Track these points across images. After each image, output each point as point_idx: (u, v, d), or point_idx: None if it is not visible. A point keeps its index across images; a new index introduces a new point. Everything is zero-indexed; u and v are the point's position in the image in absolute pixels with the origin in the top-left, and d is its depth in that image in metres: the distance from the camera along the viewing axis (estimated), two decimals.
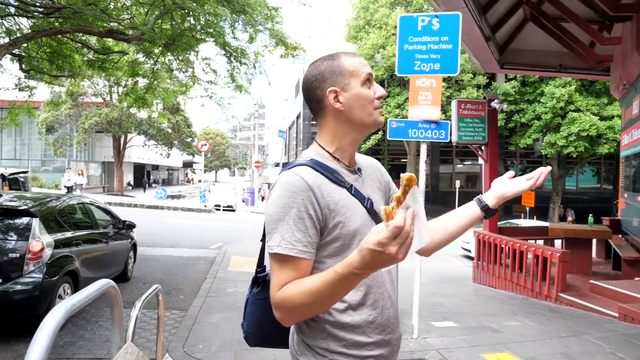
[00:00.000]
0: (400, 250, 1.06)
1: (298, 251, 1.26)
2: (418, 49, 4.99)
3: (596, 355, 4.49)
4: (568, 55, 9.93)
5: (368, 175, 1.53)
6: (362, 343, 1.35)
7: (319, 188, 1.31)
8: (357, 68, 1.41)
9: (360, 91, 1.40)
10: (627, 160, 9.81)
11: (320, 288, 1.18)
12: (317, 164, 1.37)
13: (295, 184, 1.29)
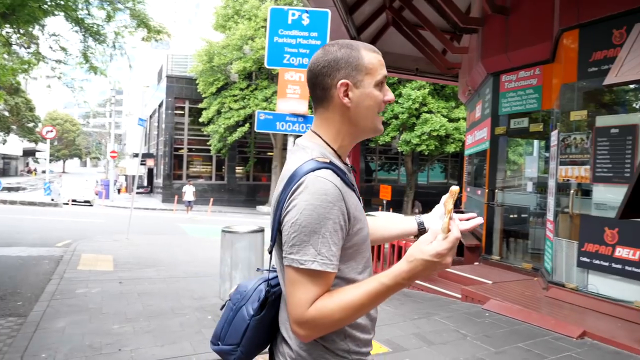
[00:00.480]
0: (450, 257, 1.10)
1: (335, 266, 1.17)
2: (288, 42, 5.01)
3: (443, 333, 4.93)
4: (423, 60, 10.79)
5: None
6: (367, 341, 1.33)
7: (346, 195, 1.21)
8: (376, 67, 1.29)
9: (372, 91, 1.28)
10: (470, 159, 10.98)
11: (363, 301, 1.14)
12: (337, 168, 1.24)
13: (330, 193, 1.16)
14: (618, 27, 5.27)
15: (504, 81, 7.69)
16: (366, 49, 1.29)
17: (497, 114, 7.88)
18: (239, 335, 1.34)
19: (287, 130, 5.12)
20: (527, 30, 6.94)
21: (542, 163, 7.60)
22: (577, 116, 5.92)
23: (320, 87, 1.29)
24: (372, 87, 1.28)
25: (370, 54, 1.29)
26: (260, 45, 22.15)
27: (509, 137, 8.30)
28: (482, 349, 4.47)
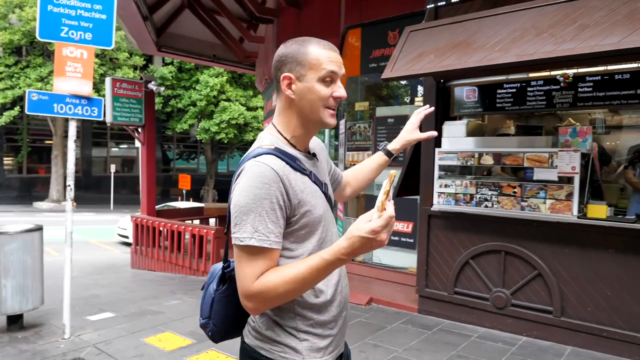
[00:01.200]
0: (388, 236, 1.15)
1: (272, 242, 1.26)
2: (66, 12, 4.41)
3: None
4: (221, 47, 10.71)
5: (321, 159, 1.54)
6: (324, 322, 1.38)
7: (287, 178, 1.29)
8: (321, 62, 1.33)
9: (314, 86, 1.34)
10: None
11: (305, 275, 1.20)
12: (280, 152, 1.34)
13: (266, 175, 1.26)
14: (392, 29, 6.01)
15: None
16: (317, 45, 1.35)
17: None
18: (208, 309, 1.48)
19: (68, 114, 4.51)
20: (318, 24, 7.42)
21: (332, 150, 8.25)
22: (360, 107, 6.59)
23: (275, 80, 1.40)
24: (315, 81, 1.34)
25: (319, 50, 1.34)
26: (32, 16, 19.19)
27: None
28: None
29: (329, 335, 1.40)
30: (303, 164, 1.39)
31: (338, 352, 1.46)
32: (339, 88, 1.37)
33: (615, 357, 3.85)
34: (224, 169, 32.04)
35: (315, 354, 1.37)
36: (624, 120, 5.48)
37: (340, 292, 1.43)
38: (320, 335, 1.38)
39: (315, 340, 1.37)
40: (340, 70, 1.37)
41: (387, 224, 1.13)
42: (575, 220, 3.93)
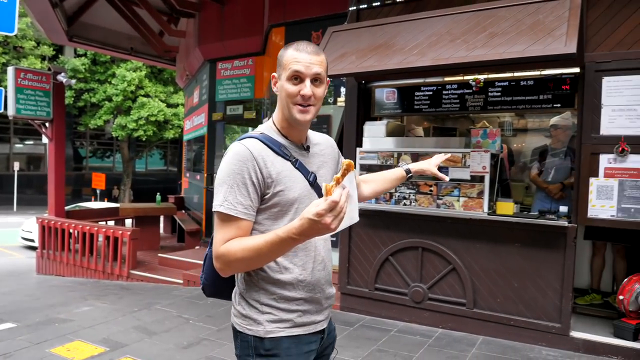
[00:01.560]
0: (334, 221, 1.20)
1: (238, 212, 1.42)
2: None
3: (165, 321, 4.86)
4: (139, 39, 10.25)
5: (320, 152, 1.65)
6: (290, 298, 1.51)
7: (263, 158, 1.45)
8: (289, 62, 1.47)
9: (284, 84, 1.48)
10: (189, 144, 11.04)
11: (261, 247, 1.33)
12: (265, 138, 1.51)
13: (241, 153, 1.44)
14: (316, 29, 6.06)
15: (220, 69, 7.95)
16: (295, 47, 1.49)
17: (214, 101, 8.12)
18: (204, 265, 1.69)
19: None
20: (242, 21, 7.33)
21: None
22: None
23: None
24: (284, 80, 1.48)
25: (292, 51, 1.48)
26: None
27: (226, 123, 8.65)
28: (205, 329, 4.58)
29: (295, 310, 1.52)
30: (288, 151, 1.53)
31: (310, 329, 1.56)
32: (304, 87, 1.47)
33: (522, 344, 4.14)
34: (142, 168, 30.71)
35: (277, 324, 1.50)
36: (528, 123, 5.91)
37: (311, 273, 1.54)
38: (285, 309, 1.51)
39: (277, 313, 1.50)
40: (308, 70, 1.46)
41: (330, 209, 1.19)
42: (485, 216, 4.18)
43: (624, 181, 3.75)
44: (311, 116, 1.51)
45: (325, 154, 1.68)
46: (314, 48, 1.50)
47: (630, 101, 3.73)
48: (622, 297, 3.95)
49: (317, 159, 1.62)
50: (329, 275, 1.64)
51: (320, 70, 1.48)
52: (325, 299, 1.61)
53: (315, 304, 1.57)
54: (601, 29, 3.83)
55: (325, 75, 1.53)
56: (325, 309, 1.62)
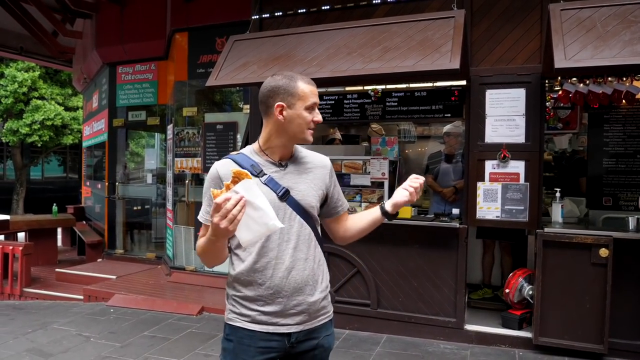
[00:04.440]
0: (222, 222, 1.40)
1: (206, 220, 1.71)
2: None
3: (63, 341, 4.57)
4: (31, 39, 9.53)
5: (302, 170, 1.81)
6: (250, 297, 1.71)
7: (227, 177, 1.54)
8: (307, 95, 1.70)
9: (302, 113, 1.70)
10: (89, 151, 10.45)
11: (201, 243, 1.65)
12: (239, 157, 1.76)
13: (211, 173, 1.76)
14: (220, 35, 6.00)
15: (120, 73, 7.62)
16: (303, 80, 1.72)
17: (114, 106, 7.76)
18: None
19: None
20: (143, 24, 7.07)
21: (163, 155, 7.94)
22: (189, 112, 6.45)
23: (265, 104, 1.74)
24: (302, 109, 1.70)
25: (305, 85, 1.71)
26: None
27: (129, 129, 8.29)
28: (108, 347, 4.37)
29: (255, 309, 1.71)
30: (260, 168, 1.73)
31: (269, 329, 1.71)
32: (317, 114, 1.74)
33: (422, 339, 4.39)
34: (38, 176, 28.47)
35: (236, 315, 1.74)
36: (424, 131, 6.28)
37: (270, 277, 1.69)
38: (246, 306, 1.72)
39: (239, 308, 1.74)
40: (317, 101, 1.74)
41: (215, 210, 1.40)
42: (386, 221, 4.37)
43: (506, 185, 4.12)
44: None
45: (310, 171, 1.83)
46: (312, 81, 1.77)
47: (509, 112, 4.10)
48: (508, 290, 4.33)
49: (295, 175, 1.79)
50: (301, 284, 1.72)
51: None
52: (295, 305, 1.72)
53: (278, 307, 1.71)
54: (483, 46, 4.19)
55: None
56: (293, 315, 1.73)
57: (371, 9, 4.50)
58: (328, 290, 1.87)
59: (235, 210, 1.39)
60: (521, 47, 4.11)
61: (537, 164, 4.04)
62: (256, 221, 1.45)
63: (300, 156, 1.84)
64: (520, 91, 4.06)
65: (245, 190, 1.40)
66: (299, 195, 1.75)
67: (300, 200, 1.75)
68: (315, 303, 1.76)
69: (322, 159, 1.90)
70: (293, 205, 1.73)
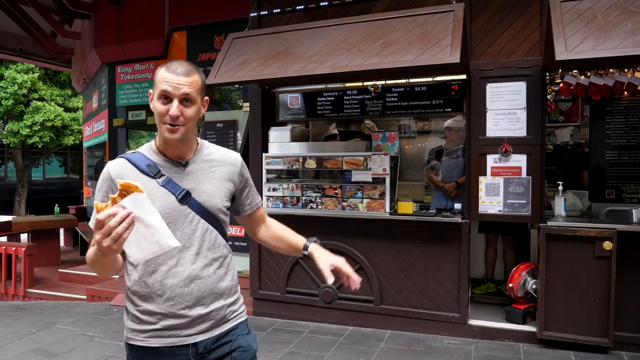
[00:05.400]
0: (105, 240, 1.24)
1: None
2: None
3: (67, 341, 4.58)
4: (29, 40, 9.52)
5: (206, 168, 1.64)
6: (150, 311, 1.55)
7: (121, 176, 1.52)
8: (159, 82, 1.51)
9: (154, 103, 1.53)
10: (90, 151, 10.44)
11: (91, 255, 1.47)
12: (135, 157, 1.58)
13: (103, 173, 1.58)
14: (219, 33, 5.99)
15: (120, 72, 7.60)
16: (166, 67, 1.52)
17: (114, 106, 7.75)
18: None
19: None
20: (141, 24, 7.05)
21: None
22: None
23: None
24: (155, 99, 1.52)
25: (162, 71, 1.52)
26: None
27: (129, 129, 8.28)
28: (111, 346, 4.38)
29: (153, 322, 1.55)
30: (156, 169, 1.56)
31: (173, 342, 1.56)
32: (172, 107, 1.50)
33: (426, 335, 4.38)
34: (39, 177, 28.50)
35: (135, 333, 1.57)
36: (425, 126, 6.26)
37: (170, 288, 1.54)
38: (143, 320, 1.56)
39: (136, 323, 1.57)
40: (176, 91, 1.49)
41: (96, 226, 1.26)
42: (388, 216, 4.37)
43: (508, 179, 4.10)
44: (180, 135, 1.53)
45: (217, 169, 1.66)
46: (185, 68, 1.52)
47: (510, 105, 4.08)
48: (511, 284, 4.32)
49: (199, 175, 1.62)
50: (206, 292, 1.59)
51: (190, 91, 1.51)
52: (200, 316, 1.57)
53: (179, 319, 1.55)
54: (483, 39, 4.16)
55: (197, 95, 1.54)
56: (198, 324, 1.58)
57: (370, 4, 4.47)
58: (237, 294, 1.73)
59: (120, 228, 1.24)
60: (521, 40, 4.09)
61: (539, 157, 4.02)
62: (148, 239, 1.30)
63: (205, 154, 1.67)
64: (521, 84, 4.04)
65: (135, 206, 1.25)
66: (202, 197, 1.60)
67: (204, 203, 1.60)
68: (221, 309, 1.63)
69: (231, 155, 1.74)
70: (196, 208, 1.58)
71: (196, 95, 1.53)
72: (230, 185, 1.69)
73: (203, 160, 1.65)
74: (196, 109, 1.55)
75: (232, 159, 1.73)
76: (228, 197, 1.69)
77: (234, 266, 1.75)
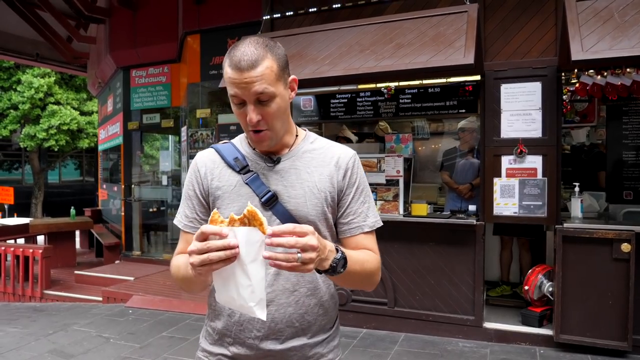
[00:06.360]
0: (194, 257, 1.01)
1: (184, 225, 1.36)
2: None
3: (84, 342, 4.62)
4: (45, 45, 9.66)
5: (305, 167, 1.32)
6: (220, 330, 1.34)
7: (208, 170, 1.34)
8: (226, 81, 1.23)
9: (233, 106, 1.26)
10: (105, 154, 10.56)
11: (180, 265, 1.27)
12: (224, 147, 1.37)
13: (192, 165, 1.39)
14: (232, 36, 6.01)
15: (134, 76, 7.68)
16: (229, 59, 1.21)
17: (129, 109, 7.84)
18: None
19: None
20: (155, 28, 7.12)
21: (177, 157, 7.99)
22: (202, 114, 6.49)
23: None
24: (232, 101, 1.25)
25: (225, 64, 1.23)
26: None
27: (143, 132, 8.37)
28: (127, 348, 4.41)
29: (222, 348, 1.34)
30: (245, 163, 1.31)
31: None
32: (249, 112, 1.20)
33: (440, 337, 4.35)
34: (55, 179, 28.88)
35: (202, 353, 1.39)
36: (439, 127, 6.23)
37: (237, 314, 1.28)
38: (215, 342, 1.36)
39: (208, 342, 1.39)
40: (246, 92, 1.18)
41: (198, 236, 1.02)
42: (401, 218, 4.35)
43: (524, 180, 4.06)
44: (269, 142, 1.26)
45: (314, 171, 1.31)
46: (251, 57, 1.18)
47: (525, 106, 4.04)
48: (527, 287, 4.27)
49: (291, 175, 1.30)
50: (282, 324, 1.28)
51: (263, 87, 1.18)
52: (268, 352, 1.29)
53: (247, 349, 1.30)
54: (497, 40, 4.13)
55: (275, 85, 1.21)
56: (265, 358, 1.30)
57: (383, 5, 4.47)
58: (329, 332, 1.37)
59: (215, 255, 0.99)
60: (536, 40, 4.05)
61: (554, 158, 3.98)
62: (237, 287, 1.05)
63: (305, 149, 1.35)
64: (536, 85, 4.00)
65: (247, 243, 1.01)
66: (291, 204, 1.28)
67: (292, 211, 1.27)
68: (302, 349, 1.30)
69: (338, 151, 1.35)
70: (282, 216, 1.26)
71: (274, 86, 1.21)
72: (331, 190, 1.31)
73: (301, 157, 1.33)
74: (279, 101, 1.23)
75: (339, 156, 1.34)
76: (326, 207, 1.31)
77: (334, 297, 1.40)
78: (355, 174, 1.35)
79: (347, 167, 1.33)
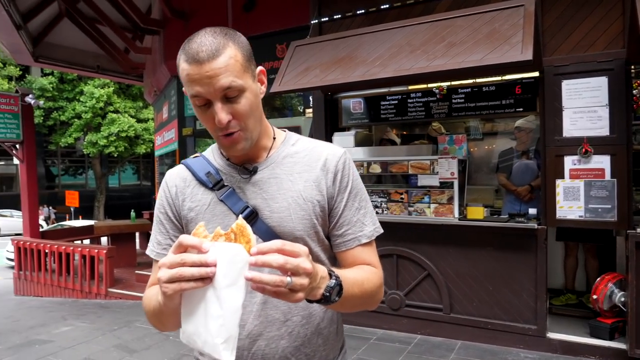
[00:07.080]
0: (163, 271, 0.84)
1: (157, 254, 1.17)
2: None
3: (145, 338, 4.80)
4: (105, 57, 10.10)
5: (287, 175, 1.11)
6: None
7: (179, 189, 1.16)
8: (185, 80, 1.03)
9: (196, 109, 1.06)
10: (161, 159, 10.90)
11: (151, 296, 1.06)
12: (195, 162, 1.17)
13: (162, 184, 1.21)
14: (280, 42, 6.04)
15: None
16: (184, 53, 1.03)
17: (183, 116, 8.03)
18: None
19: None
20: None
21: None
22: None
23: None
24: (192, 103, 1.05)
25: (180, 59, 1.04)
26: None
27: (197, 138, 8.56)
28: (185, 346, 4.49)
29: None
30: (218, 177, 1.13)
31: None
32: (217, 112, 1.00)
33: (500, 347, 4.17)
34: (115, 184, 30.21)
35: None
36: (493, 127, 6.00)
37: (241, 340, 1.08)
38: None
39: None
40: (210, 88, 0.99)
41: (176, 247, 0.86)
42: (456, 222, 4.20)
43: (590, 182, 3.82)
44: (244, 143, 1.06)
45: (298, 177, 1.11)
46: (209, 48, 1.00)
47: (590, 103, 3.80)
48: (595, 296, 4.01)
49: (271, 186, 1.11)
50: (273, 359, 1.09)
51: (229, 80, 0.99)
52: None
53: None
54: (557, 33, 3.91)
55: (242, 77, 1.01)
56: None
57: (432, 3, 4.34)
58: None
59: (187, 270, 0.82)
60: (600, 32, 3.80)
61: (624, 158, 3.71)
62: (206, 316, 0.85)
63: (286, 154, 1.15)
64: (602, 79, 3.75)
65: (228, 263, 0.82)
66: (273, 219, 1.08)
67: (274, 227, 1.08)
68: None
69: (325, 153, 1.14)
70: (264, 235, 1.06)
71: (241, 79, 1.01)
72: (319, 197, 1.11)
73: (281, 163, 1.13)
74: (250, 96, 1.03)
75: (325, 156, 1.14)
76: (315, 219, 1.11)
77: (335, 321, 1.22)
78: (346, 176, 1.14)
79: (336, 170, 1.12)
